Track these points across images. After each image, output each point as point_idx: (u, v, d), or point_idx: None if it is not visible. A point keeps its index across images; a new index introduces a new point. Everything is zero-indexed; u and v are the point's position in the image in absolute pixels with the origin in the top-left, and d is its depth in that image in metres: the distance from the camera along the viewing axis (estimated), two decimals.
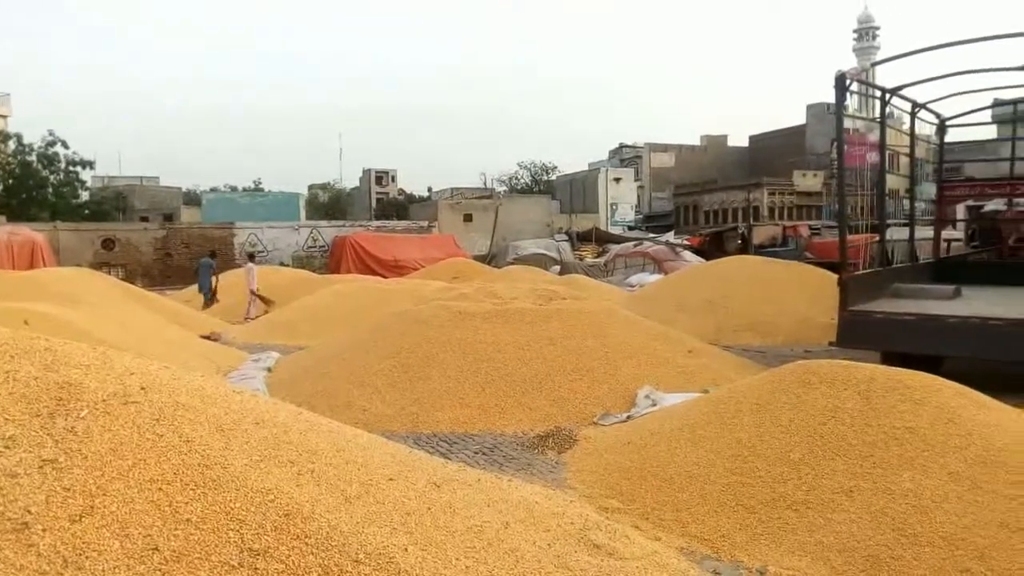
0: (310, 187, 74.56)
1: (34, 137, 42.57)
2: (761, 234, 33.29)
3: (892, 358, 7.64)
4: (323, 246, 34.54)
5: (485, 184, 69.96)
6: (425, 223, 38.41)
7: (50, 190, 40.60)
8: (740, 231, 34.53)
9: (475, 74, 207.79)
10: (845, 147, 9.71)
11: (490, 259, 34.36)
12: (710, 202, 62.05)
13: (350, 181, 75.47)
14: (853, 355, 7.21)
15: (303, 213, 50.95)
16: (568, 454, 6.00)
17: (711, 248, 31.53)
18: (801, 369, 5.62)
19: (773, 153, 68.05)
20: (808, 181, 59.56)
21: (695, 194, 63.71)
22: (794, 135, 67.76)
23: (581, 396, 7.36)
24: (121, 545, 2.40)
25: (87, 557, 2.32)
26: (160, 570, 2.35)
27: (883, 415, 4.87)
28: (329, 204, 68.48)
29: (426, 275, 23.38)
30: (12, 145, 40.28)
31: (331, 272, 28.36)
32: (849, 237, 9.47)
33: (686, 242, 35.02)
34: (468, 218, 39.78)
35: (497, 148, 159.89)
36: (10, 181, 39.90)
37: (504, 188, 70.30)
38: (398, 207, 59.67)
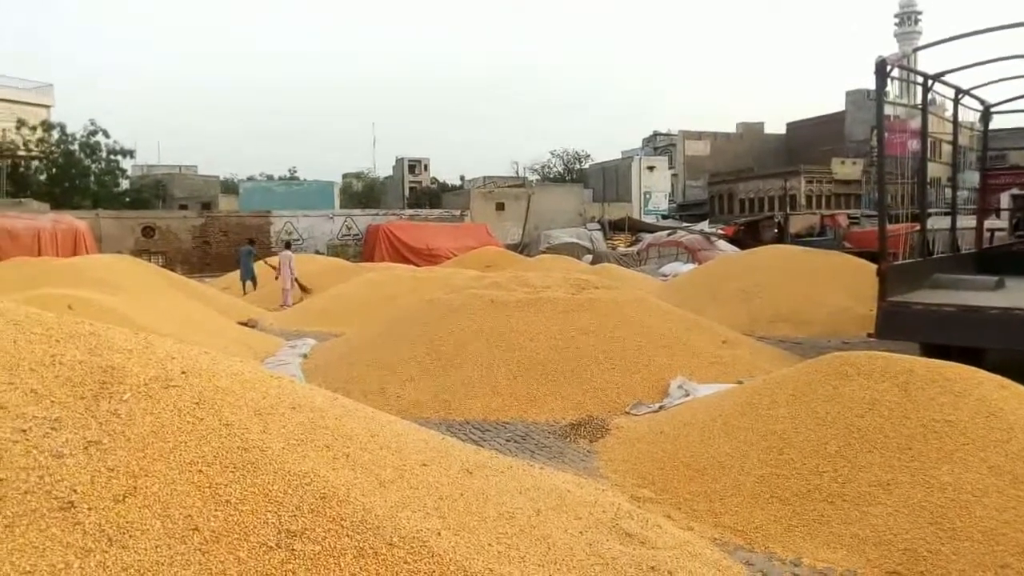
0: (344, 176, 75.18)
1: (76, 127, 43.56)
2: (798, 223, 32.80)
3: (932, 350, 7.48)
4: (357, 234, 34.84)
5: (518, 173, 69.92)
6: (458, 212, 38.50)
7: (92, 179, 41.50)
8: (776, 220, 34.04)
9: (508, 61, 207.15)
10: (885, 134, 9.49)
11: (522, 248, 34.35)
12: (745, 191, 61.22)
13: (383, 170, 75.98)
14: (892, 347, 7.09)
15: (337, 202, 51.42)
16: (600, 443, 6.00)
17: (746, 237, 31.14)
18: (838, 361, 5.53)
19: (811, 141, 66.84)
20: (847, 169, 58.42)
21: (730, 182, 62.89)
22: (833, 122, 66.44)
23: (613, 385, 7.34)
24: (162, 525, 2.46)
25: (130, 536, 2.38)
26: (200, 550, 2.41)
27: (922, 408, 4.78)
28: (363, 193, 69.02)
29: (458, 264, 23.48)
30: (56, 135, 41.24)
31: (365, 260, 28.62)
32: (889, 226, 9.28)
33: (721, 231, 34.61)
34: (500, 207, 39.78)
35: (530, 137, 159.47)
36: (53, 170, 40.86)
37: (537, 177, 70.16)
38: (431, 196, 59.90)
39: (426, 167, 73.79)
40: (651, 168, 58.66)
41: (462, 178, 73.16)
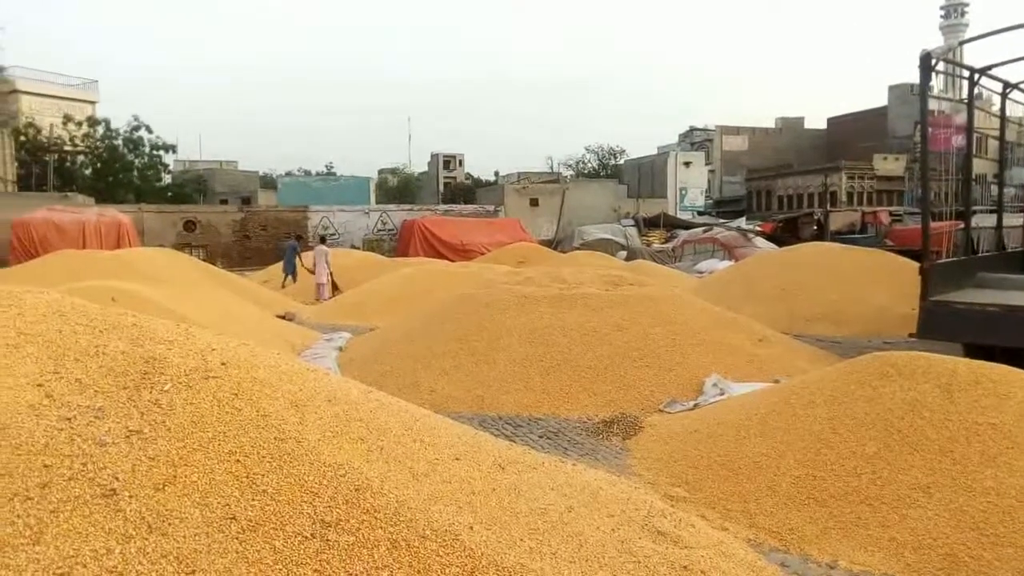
0: (380, 171, 75.73)
1: (120, 122, 44.52)
2: (838, 220, 32.18)
3: (975, 351, 7.30)
4: (392, 229, 35.09)
5: (552, 168, 69.73)
6: (492, 207, 38.53)
7: (135, 173, 42.40)
8: (816, 217, 33.43)
9: (544, 57, 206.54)
10: (929, 130, 9.28)
11: (556, 244, 34.26)
12: (784, 187, 60.29)
13: (418, 166, 76.35)
14: (934, 347, 6.93)
15: (373, 197, 51.84)
16: (633, 441, 5.97)
17: (785, 234, 30.64)
18: (878, 361, 5.43)
19: (852, 136, 65.51)
20: (889, 165, 57.18)
21: (769, 178, 61.97)
22: (875, 117, 65.04)
23: (647, 383, 7.30)
24: (201, 513, 2.51)
25: (170, 524, 2.44)
26: (238, 538, 2.46)
27: (965, 410, 4.67)
28: (398, 188, 69.47)
29: (492, 259, 23.51)
30: (100, 130, 42.21)
31: (399, 255, 28.80)
32: (932, 224, 9.09)
33: (758, 228, 34.12)
34: (534, 202, 39.71)
35: (564, 132, 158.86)
36: (98, 165, 41.85)
37: (571, 172, 69.88)
38: (465, 191, 60.04)
39: (461, 163, 73.95)
40: (687, 164, 58.03)
41: (496, 174, 73.25)
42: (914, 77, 9.02)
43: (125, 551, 2.30)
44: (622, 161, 70.68)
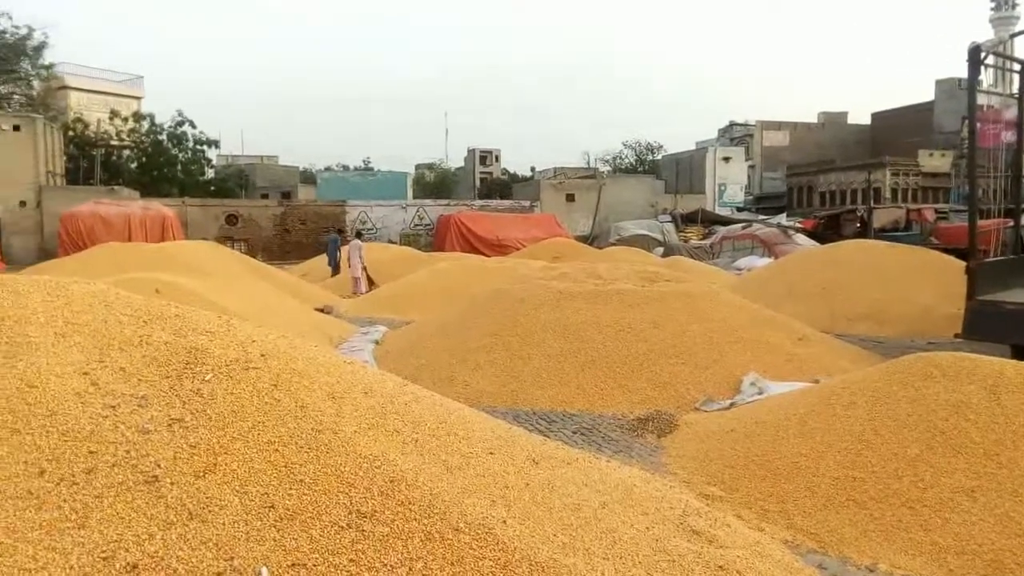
0: (417, 167, 76.22)
1: (165, 118, 45.47)
2: (882, 217, 31.46)
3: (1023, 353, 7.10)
4: (428, 224, 35.30)
5: (588, 164, 69.39)
6: (528, 203, 38.50)
7: (179, 167, 43.28)
8: (859, 214, 32.75)
9: (581, 50, 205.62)
10: (978, 125, 9.03)
11: (592, 239, 34.12)
12: (826, 183, 59.16)
13: (455, 161, 76.61)
14: (980, 348, 6.75)
15: (410, 192, 52.18)
16: (668, 439, 5.93)
17: (827, 231, 30.06)
18: (922, 361, 5.30)
19: (897, 132, 63.98)
20: (935, 162, 55.71)
21: (810, 174, 60.85)
22: (921, 112, 63.41)
23: (683, 380, 7.23)
24: (240, 501, 2.56)
25: (209, 511, 2.49)
26: (275, 527, 2.50)
27: (1012, 412, 4.54)
28: (435, 183, 69.84)
29: (528, 255, 23.51)
30: (145, 125, 43.17)
31: (436, 250, 28.96)
32: (980, 222, 8.86)
33: (799, 225, 33.55)
34: (571, 198, 39.57)
35: (602, 128, 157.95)
36: (143, 159, 42.83)
37: (608, 168, 69.48)
38: (501, 187, 60.08)
39: (497, 158, 73.99)
40: (726, 159, 57.25)
41: (532, 169, 73.14)
42: (962, 71, 8.80)
43: (166, 537, 2.35)
44: (660, 157, 70.06)
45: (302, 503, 2.62)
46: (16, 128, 29.55)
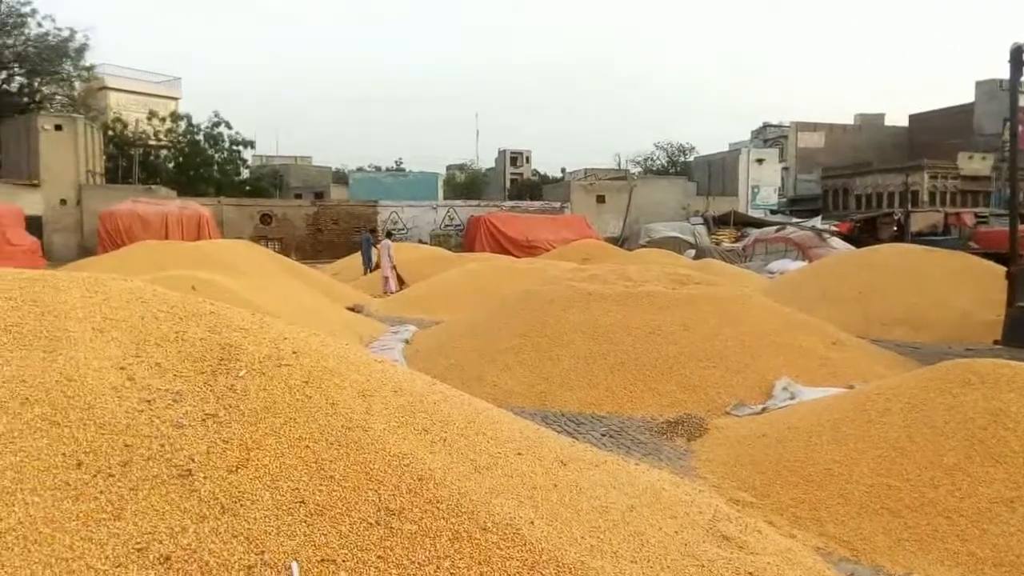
0: (448, 167, 76.62)
1: (201, 118, 46.26)
2: (920, 221, 30.93)
3: None
4: (459, 225, 35.45)
5: (619, 165, 69.11)
6: (558, 204, 38.47)
7: (215, 167, 44.00)
8: (896, 217, 32.20)
9: (613, 51, 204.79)
10: (1020, 127, 8.81)
11: (622, 241, 33.98)
12: (863, 186, 58.19)
13: (486, 162, 76.86)
14: (1020, 356, 6.58)
15: (441, 193, 52.46)
16: (698, 443, 5.88)
17: (863, 235, 29.61)
18: (960, 368, 5.19)
19: (936, 134, 62.71)
20: (975, 164, 54.50)
21: (846, 177, 59.90)
22: (961, 114, 62.08)
23: (713, 384, 7.16)
24: (271, 496, 2.59)
25: (241, 505, 2.52)
26: (305, 522, 2.52)
27: None
28: (466, 184, 70.12)
29: (557, 256, 23.48)
30: (183, 125, 43.96)
31: (466, 250, 29.07)
32: (1021, 226, 8.63)
33: (834, 228, 33.06)
34: (601, 199, 39.45)
35: (633, 129, 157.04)
36: (180, 159, 43.62)
37: (639, 169, 69.15)
38: (532, 188, 60.12)
39: (528, 159, 74.08)
40: (760, 161, 56.59)
41: (563, 170, 73.07)
42: (1004, 72, 8.61)
43: (199, 530, 2.39)
44: (692, 158, 69.53)
45: (332, 499, 2.64)
46: (58, 128, 30.29)
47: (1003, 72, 8.71)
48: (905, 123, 71.21)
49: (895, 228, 30.21)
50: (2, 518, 2.27)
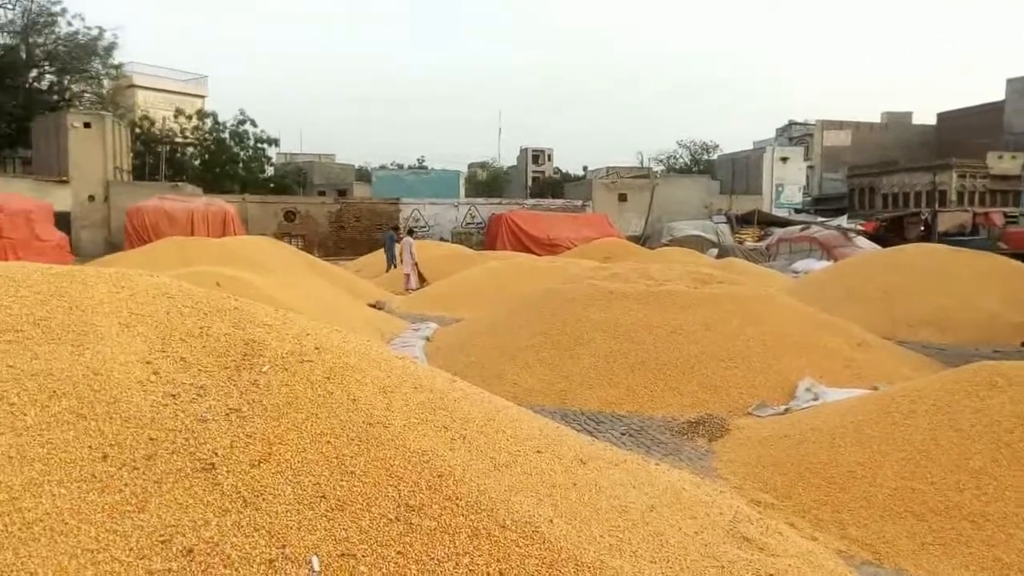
0: (470, 165, 76.70)
1: (227, 116, 46.69)
2: (947, 221, 30.46)
3: None
4: (480, 223, 35.49)
5: (642, 163, 68.77)
6: (579, 202, 38.37)
7: (240, 165, 44.42)
8: (923, 217, 31.75)
9: (636, 48, 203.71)
10: None
11: (644, 240, 33.82)
12: (889, 185, 57.39)
13: (508, 160, 76.84)
14: None
15: (463, 191, 52.52)
16: (719, 443, 5.84)
17: (889, 234, 29.24)
18: (987, 370, 5.11)
19: (965, 132, 61.66)
20: (1005, 164, 53.53)
21: (872, 176, 59.11)
22: (990, 112, 60.96)
23: (735, 384, 7.11)
24: (293, 491, 2.61)
25: (264, 499, 2.54)
26: (326, 516, 2.54)
27: None
28: (487, 182, 70.15)
29: (578, 254, 23.43)
30: (209, 123, 44.44)
31: (487, 248, 29.10)
32: None
33: (860, 227, 32.66)
34: (623, 198, 39.27)
35: (656, 127, 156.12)
36: (206, 156, 44.10)
37: (661, 168, 68.75)
38: (553, 186, 60.02)
39: (550, 157, 73.97)
40: (784, 159, 56.01)
41: (585, 168, 72.89)
42: None
43: (221, 523, 2.41)
44: (715, 156, 69.04)
45: (352, 494, 2.66)
46: (87, 125, 30.73)
47: None
48: (933, 121, 70.12)
49: (922, 228, 29.80)
50: (30, 509, 2.32)
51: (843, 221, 36.08)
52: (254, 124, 44.83)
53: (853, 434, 5.08)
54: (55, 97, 38.30)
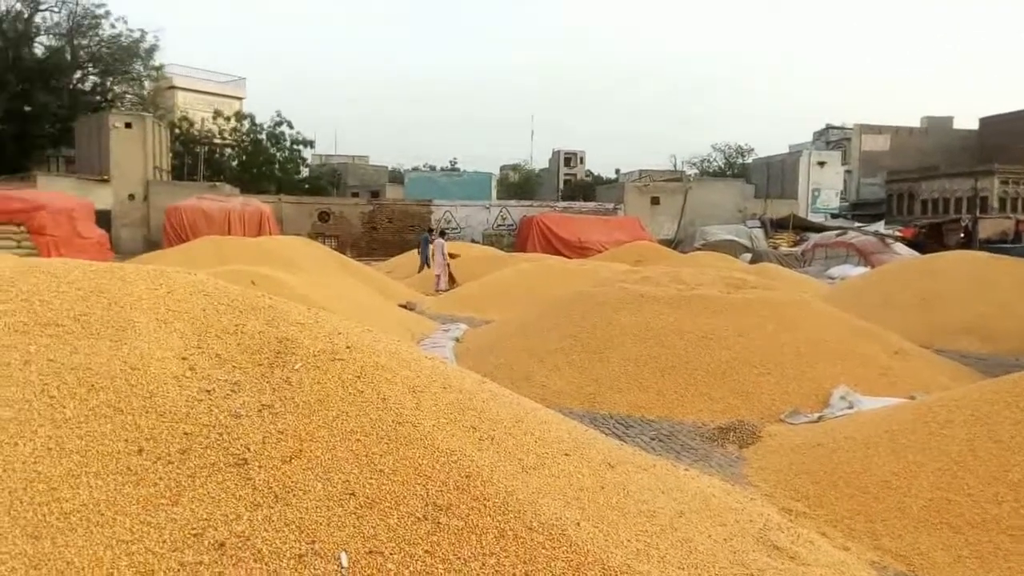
0: (502, 168, 76.87)
1: (264, 118, 47.40)
2: (988, 228, 29.77)
3: None
4: (511, 225, 35.53)
5: (675, 166, 68.31)
6: (611, 205, 38.22)
7: (276, 166, 45.05)
8: (964, 223, 31.07)
9: (669, 50, 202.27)
10: None
11: (676, 244, 33.57)
12: (929, 190, 56.20)
13: (540, 162, 76.86)
14: None
15: (494, 193, 52.66)
16: (750, 450, 5.77)
17: (928, 241, 28.70)
18: None
19: (1009, 137, 60.11)
20: None
21: (912, 181, 57.91)
22: None
23: (767, 391, 7.02)
24: (323, 487, 2.64)
25: (294, 495, 2.58)
26: (355, 514, 2.57)
27: None
28: (519, 184, 70.24)
29: (609, 257, 23.33)
30: (246, 125, 45.14)
31: (518, 250, 29.10)
32: None
33: (898, 233, 32.06)
34: (655, 201, 39.00)
35: (690, 130, 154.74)
36: (243, 157, 44.79)
37: (695, 171, 68.20)
38: (585, 188, 59.88)
39: (582, 160, 73.86)
40: (821, 163, 55.20)
41: (617, 171, 72.57)
42: None
43: (252, 518, 2.45)
44: (750, 160, 68.32)
45: (381, 492, 2.68)
46: (128, 126, 31.41)
47: None
48: (975, 126, 68.57)
49: (962, 235, 29.16)
50: (68, 499, 2.37)
51: (881, 227, 35.45)
52: (290, 126, 45.51)
53: (888, 443, 4.99)
54: (98, 98, 39.22)
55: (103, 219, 26.02)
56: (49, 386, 2.79)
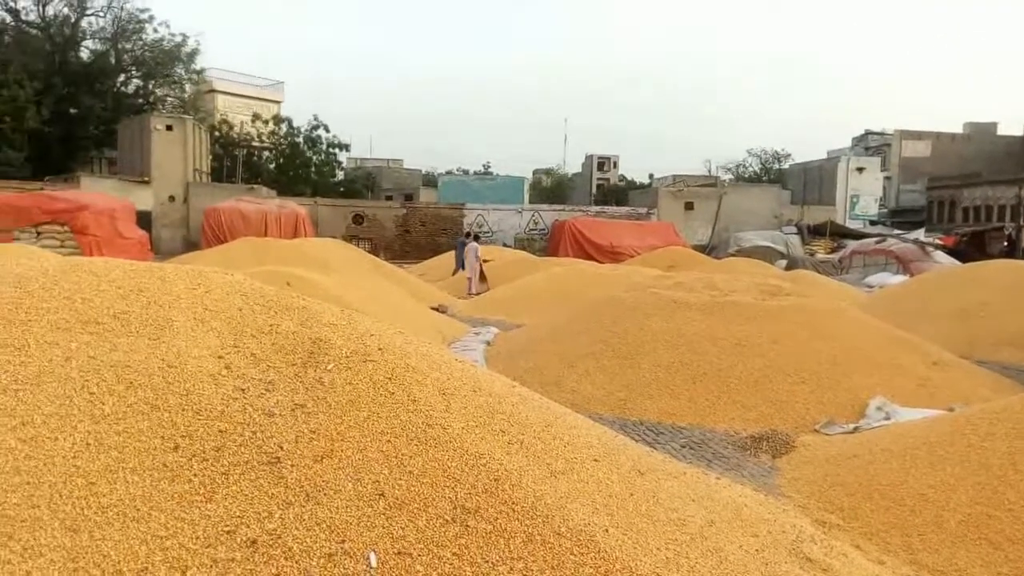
0: (535, 172, 76.96)
1: (301, 121, 48.10)
2: None
3: None
4: (543, 229, 35.54)
5: (710, 171, 67.71)
6: (644, 210, 38.01)
7: (312, 169, 45.65)
8: (1007, 232, 30.29)
9: (706, 53, 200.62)
10: None
11: (710, 250, 33.24)
12: (971, 197, 54.94)
13: (573, 167, 76.74)
14: None
15: (527, 197, 52.74)
16: (783, 460, 5.68)
17: (970, 249, 28.03)
18: None
19: None
20: None
21: (953, 188, 56.68)
22: None
23: (802, 400, 6.92)
24: (354, 487, 2.66)
25: (325, 494, 2.60)
26: (384, 515, 2.58)
27: None
28: (551, 188, 70.21)
29: (642, 262, 23.18)
30: (284, 128, 45.82)
31: (550, 255, 29.08)
32: None
33: (939, 241, 31.37)
34: (689, 206, 38.70)
35: (725, 134, 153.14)
36: (280, 160, 45.47)
37: (730, 176, 67.57)
38: (618, 193, 59.63)
39: (615, 164, 73.58)
40: (860, 169, 54.26)
41: (651, 176, 72.20)
42: None
43: (284, 516, 2.48)
44: (787, 165, 67.45)
45: (410, 494, 2.69)
46: (169, 128, 32.06)
47: None
48: (1019, 132, 66.85)
49: (1005, 243, 28.45)
50: (105, 494, 2.43)
51: (921, 234, 34.70)
52: (327, 129, 46.10)
53: (926, 455, 4.88)
54: (140, 101, 40.09)
55: (144, 220, 26.57)
56: (89, 383, 2.85)
